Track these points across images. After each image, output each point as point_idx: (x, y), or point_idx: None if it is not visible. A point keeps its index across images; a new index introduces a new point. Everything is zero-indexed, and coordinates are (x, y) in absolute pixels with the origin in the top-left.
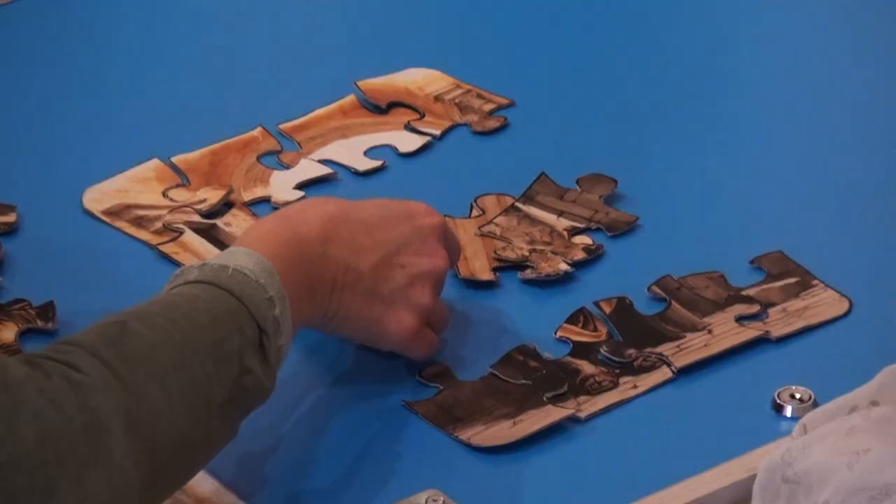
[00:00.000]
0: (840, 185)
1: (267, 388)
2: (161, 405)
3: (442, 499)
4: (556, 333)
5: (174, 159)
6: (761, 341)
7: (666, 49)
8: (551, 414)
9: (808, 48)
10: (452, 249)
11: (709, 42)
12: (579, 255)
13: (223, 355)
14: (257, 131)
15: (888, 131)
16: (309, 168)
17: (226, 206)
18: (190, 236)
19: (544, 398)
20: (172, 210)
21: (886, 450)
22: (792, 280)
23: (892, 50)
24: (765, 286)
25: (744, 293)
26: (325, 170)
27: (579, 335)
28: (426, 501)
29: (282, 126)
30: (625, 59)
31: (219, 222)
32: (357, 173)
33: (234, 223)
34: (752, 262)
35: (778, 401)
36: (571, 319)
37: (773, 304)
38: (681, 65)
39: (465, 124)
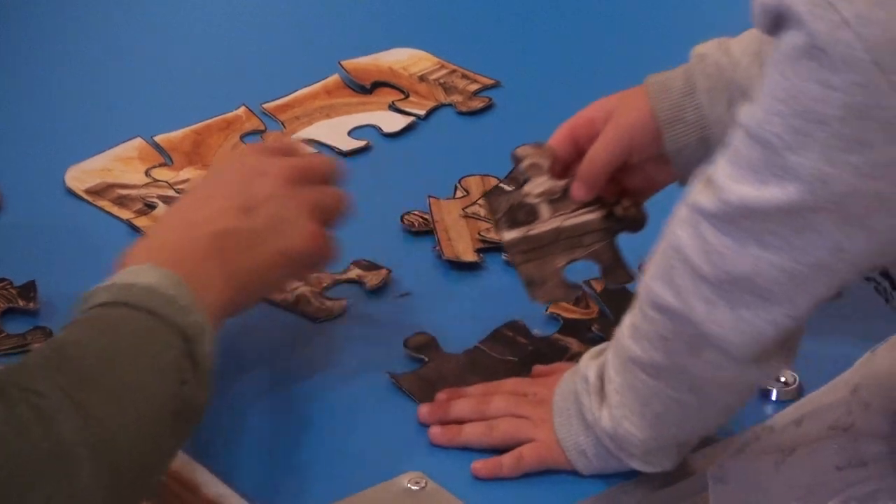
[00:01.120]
0: None
1: (202, 396)
2: (119, 425)
3: (424, 481)
4: (547, 309)
5: (157, 138)
6: None
7: (652, 31)
8: None
9: None
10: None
11: (695, 24)
12: None
13: (160, 369)
14: (241, 111)
15: None
16: None
17: None
18: (163, 210)
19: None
20: (148, 184)
21: None
22: None
23: None
24: None
25: None
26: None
27: (571, 312)
28: (408, 483)
29: (265, 105)
30: (610, 39)
31: None
32: (341, 153)
33: None
34: None
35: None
36: None
37: None
38: (666, 47)
39: (449, 104)
